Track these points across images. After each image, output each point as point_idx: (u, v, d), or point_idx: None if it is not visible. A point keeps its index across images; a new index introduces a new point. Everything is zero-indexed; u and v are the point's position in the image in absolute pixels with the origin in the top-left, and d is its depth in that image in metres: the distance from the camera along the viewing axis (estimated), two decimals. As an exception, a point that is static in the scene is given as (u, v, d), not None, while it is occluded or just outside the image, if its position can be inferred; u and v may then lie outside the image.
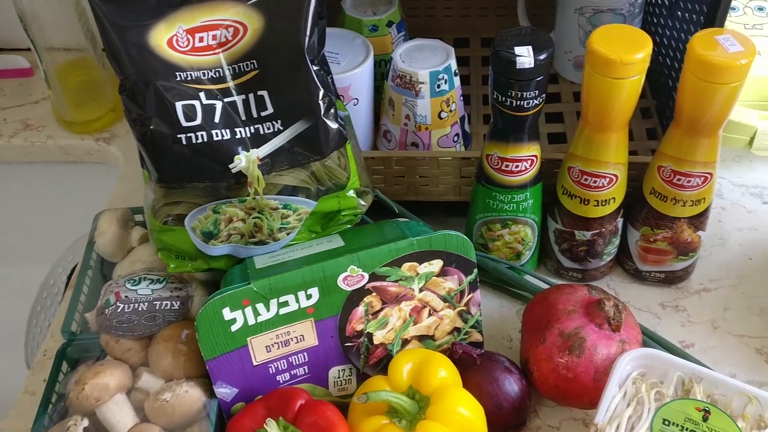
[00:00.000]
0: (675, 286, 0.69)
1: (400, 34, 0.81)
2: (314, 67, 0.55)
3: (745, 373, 0.63)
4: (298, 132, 0.56)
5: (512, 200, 0.64)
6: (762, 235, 0.73)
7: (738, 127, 0.73)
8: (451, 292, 0.59)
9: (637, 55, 0.54)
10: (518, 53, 0.55)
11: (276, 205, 0.57)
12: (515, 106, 0.58)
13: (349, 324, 0.58)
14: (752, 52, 0.54)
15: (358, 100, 0.72)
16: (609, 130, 0.59)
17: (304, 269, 0.55)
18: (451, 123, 0.74)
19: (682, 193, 0.61)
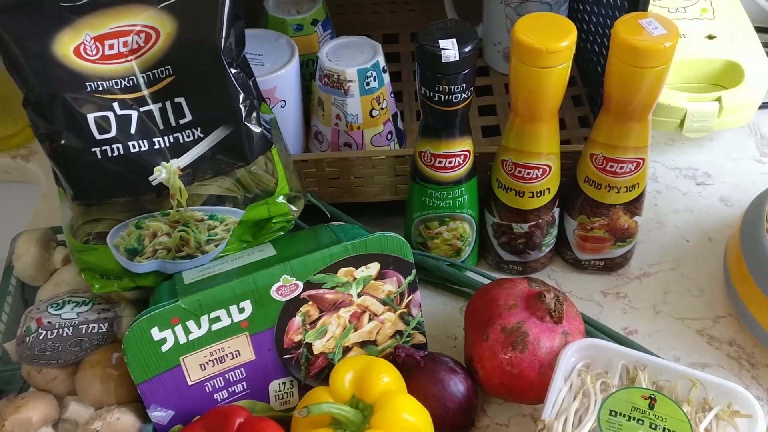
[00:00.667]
0: (615, 273, 0.69)
1: (327, 32, 0.79)
2: (233, 71, 0.53)
3: (689, 356, 0.63)
4: (219, 139, 0.53)
5: (448, 197, 0.63)
6: (697, 216, 0.74)
7: (668, 110, 0.74)
8: (391, 294, 0.57)
9: (562, 43, 0.53)
10: (443, 47, 0.53)
11: (201, 216, 0.55)
12: (444, 101, 0.56)
13: (287, 335, 0.56)
14: (676, 35, 0.53)
15: (285, 101, 0.70)
16: (539, 120, 0.58)
17: (235, 282, 0.52)
18: (383, 121, 0.72)
19: (616, 179, 0.61)
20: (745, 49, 0.77)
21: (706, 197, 0.75)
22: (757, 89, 0.74)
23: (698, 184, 0.77)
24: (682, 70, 0.77)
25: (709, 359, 0.63)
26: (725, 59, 0.76)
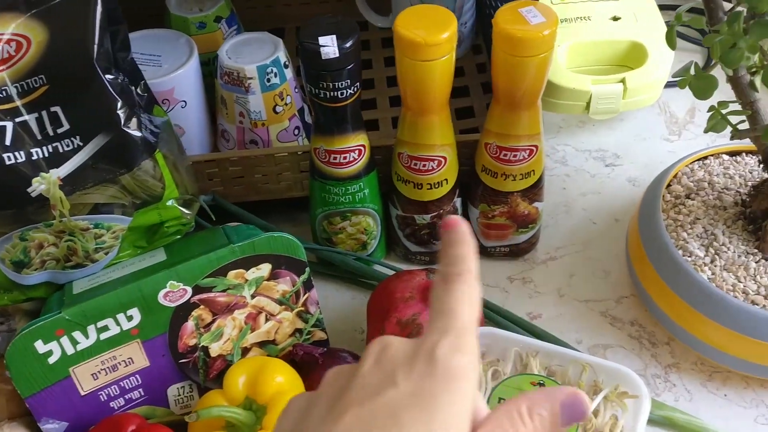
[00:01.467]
0: (522, 259, 0.70)
1: (232, 28, 0.78)
2: (108, 77, 0.52)
3: (591, 338, 0.64)
4: (99, 146, 0.53)
5: (347, 192, 0.63)
6: (605, 198, 0.74)
7: (573, 93, 0.74)
8: (286, 294, 0.57)
9: (443, 35, 0.53)
10: (322, 43, 0.53)
11: (86, 225, 0.54)
12: (330, 97, 0.56)
13: (181, 340, 0.55)
14: (554, 22, 0.54)
15: (186, 102, 0.69)
16: (429, 112, 0.58)
17: (119, 291, 0.52)
18: (288, 116, 0.72)
19: (511, 167, 0.61)
20: (649, 30, 0.77)
21: (614, 178, 0.76)
22: (660, 69, 0.75)
23: (607, 166, 0.78)
24: (588, 52, 0.78)
25: (610, 340, 0.64)
26: (629, 40, 0.77)
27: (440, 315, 0.30)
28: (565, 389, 0.30)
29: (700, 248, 0.60)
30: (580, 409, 0.30)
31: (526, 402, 0.30)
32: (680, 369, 0.61)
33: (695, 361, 0.62)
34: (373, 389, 0.28)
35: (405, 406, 0.27)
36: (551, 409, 0.30)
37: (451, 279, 0.31)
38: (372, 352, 0.30)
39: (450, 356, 0.28)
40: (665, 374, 0.61)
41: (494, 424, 0.29)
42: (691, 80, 0.51)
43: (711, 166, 0.66)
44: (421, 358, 0.29)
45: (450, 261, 0.32)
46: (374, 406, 0.28)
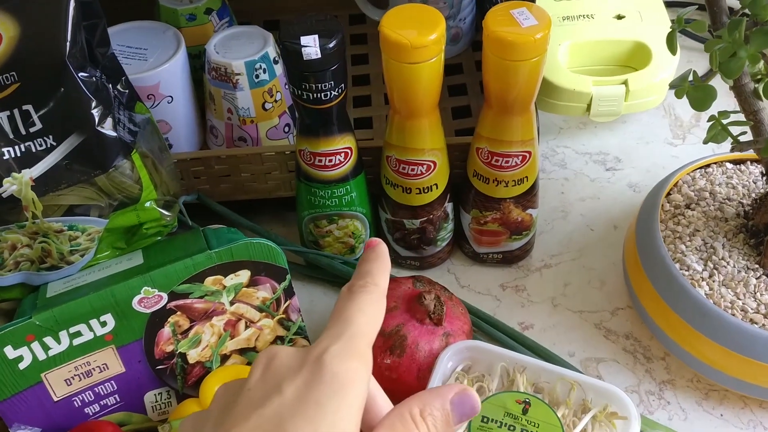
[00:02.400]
0: (515, 265, 0.68)
1: (224, 20, 0.76)
2: (82, 75, 0.50)
3: (584, 350, 0.62)
4: (73, 147, 0.51)
5: (333, 195, 0.61)
6: (603, 204, 0.72)
7: (574, 94, 0.72)
8: (266, 301, 0.55)
9: (429, 36, 0.51)
10: (303, 44, 0.51)
11: (60, 227, 0.53)
12: (313, 99, 0.54)
13: (157, 346, 0.54)
14: (547, 25, 0.51)
15: (172, 97, 0.68)
16: (418, 116, 0.56)
17: (91, 296, 0.50)
18: (278, 113, 0.70)
19: (503, 173, 0.59)
20: (654, 29, 0.75)
21: (615, 183, 0.74)
22: (664, 70, 0.72)
23: (608, 170, 0.75)
24: (590, 52, 0.75)
25: (604, 353, 0.61)
26: (633, 40, 0.74)
27: (336, 322, 0.31)
28: (454, 387, 0.32)
29: (699, 262, 0.57)
30: (469, 405, 0.31)
31: (418, 403, 0.30)
32: (675, 386, 0.59)
33: (691, 378, 0.59)
34: (258, 401, 0.28)
35: (290, 416, 0.27)
36: (442, 408, 0.31)
37: (355, 290, 0.32)
38: (259, 363, 0.30)
39: (337, 361, 0.29)
40: (659, 391, 0.59)
41: (387, 428, 0.30)
42: (688, 90, 0.48)
43: (713, 175, 0.64)
44: (308, 364, 0.29)
45: (359, 275, 0.34)
46: (260, 419, 0.27)
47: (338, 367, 0.29)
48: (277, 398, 0.28)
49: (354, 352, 0.30)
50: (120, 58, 0.66)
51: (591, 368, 0.60)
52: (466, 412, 0.31)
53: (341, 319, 0.31)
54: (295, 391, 0.28)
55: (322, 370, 0.28)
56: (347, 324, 0.31)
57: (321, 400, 0.28)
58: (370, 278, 0.33)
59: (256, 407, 0.28)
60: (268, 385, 0.29)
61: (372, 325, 0.32)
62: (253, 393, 0.29)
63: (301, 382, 0.28)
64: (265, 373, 0.30)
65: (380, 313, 0.32)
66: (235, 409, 0.29)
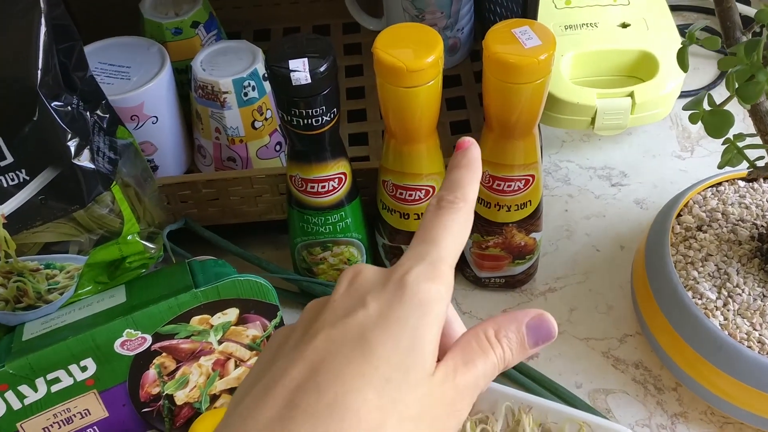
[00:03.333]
0: (519, 290, 0.65)
1: (211, 33, 0.73)
2: (55, 104, 0.47)
3: (592, 382, 0.59)
4: (47, 181, 0.48)
5: (327, 222, 0.58)
6: (610, 222, 0.69)
7: (577, 108, 0.68)
8: (257, 339, 0.52)
9: (427, 59, 0.48)
10: (292, 68, 0.48)
11: (36, 266, 0.49)
12: (304, 125, 0.51)
13: (142, 389, 0.51)
14: (552, 45, 0.48)
15: (157, 117, 0.64)
16: (415, 141, 0.53)
17: (70, 341, 0.47)
18: (269, 132, 0.67)
19: (505, 198, 0.56)
20: (660, 38, 0.71)
21: (621, 200, 0.71)
22: (672, 82, 0.69)
23: (613, 185, 0.72)
24: (593, 62, 0.72)
25: (613, 384, 0.59)
26: (638, 49, 0.71)
27: (421, 242, 0.31)
28: (530, 311, 0.32)
29: (712, 289, 0.55)
30: (546, 328, 0.31)
31: (493, 325, 0.31)
32: (688, 419, 0.56)
33: (705, 411, 0.57)
34: (343, 312, 0.29)
35: (373, 327, 0.28)
36: (517, 330, 0.31)
37: (443, 206, 0.32)
38: (344, 279, 0.31)
39: (420, 283, 0.29)
40: (672, 425, 0.56)
41: (463, 348, 0.30)
42: (704, 115, 0.45)
43: (725, 194, 0.61)
44: (392, 283, 0.30)
45: (448, 186, 0.33)
46: (345, 327, 0.29)
47: (420, 288, 0.29)
48: (361, 311, 0.29)
49: (436, 274, 0.30)
50: (101, 78, 0.63)
51: (599, 400, 0.58)
52: (542, 335, 0.31)
53: (426, 239, 0.31)
54: (379, 307, 0.29)
55: (405, 290, 0.29)
56: (432, 245, 0.31)
57: (402, 318, 0.29)
58: (460, 192, 0.33)
59: (341, 317, 0.29)
60: (353, 298, 0.30)
61: (457, 245, 0.32)
62: (338, 304, 0.30)
63: (385, 300, 0.29)
64: (350, 288, 0.31)
65: (466, 230, 0.32)
66: (322, 317, 0.30)
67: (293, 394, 0.28)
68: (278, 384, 0.28)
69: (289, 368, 0.28)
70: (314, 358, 0.28)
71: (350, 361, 0.28)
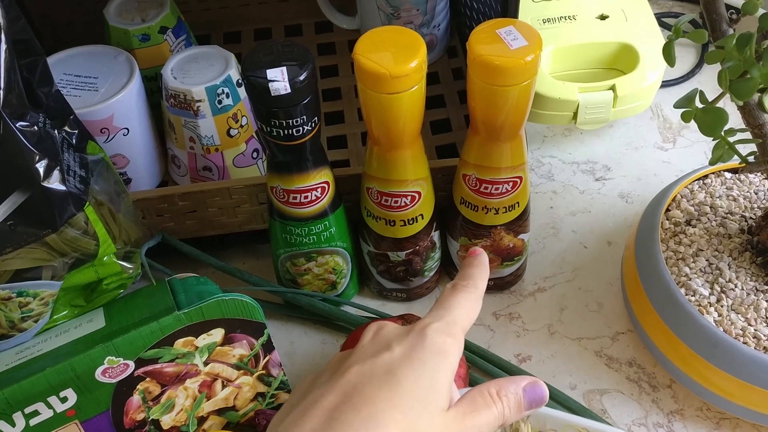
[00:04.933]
0: (508, 291, 0.64)
1: (180, 39, 0.70)
2: (21, 124, 0.44)
3: (586, 382, 0.58)
4: (16, 206, 0.45)
5: (311, 232, 0.56)
6: (595, 217, 0.68)
7: (559, 103, 0.67)
8: (244, 358, 0.51)
9: (410, 64, 0.46)
10: (270, 78, 0.46)
11: (7, 294, 0.47)
12: (284, 135, 0.49)
13: (127, 416, 0.49)
14: (538, 45, 0.47)
15: (128, 129, 0.62)
16: (398, 147, 0.51)
17: (48, 372, 0.45)
18: (245, 139, 0.64)
19: (492, 200, 0.55)
20: (639, 29, 0.70)
21: (606, 194, 0.70)
22: (653, 73, 0.68)
23: (597, 180, 0.71)
24: (573, 55, 0.71)
25: (607, 384, 0.58)
26: (618, 42, 0.70)
27: (438, 308, 0.37)
28: (528, 378, 0.37)
29: (705, 285, 0.54)
30: (539, 394, 0.37)
31: (495, 386, 0.36)
32: (684, 416, 0.56)
33: (700, 407, 0.56)
34: (371, 354, 0.34)
35: (399, 365, 0.33)
36: (515, 392, 0.36)
37: (458, 287, 0.38)
38: (369, 331, 0.37)
39: (438, 335, 0.35)
40: (668, 422, 0.55)
41: (470, 400, 0.35)
42: (697, 113, 0.44)
43: (712, 186, 0.60)
44: (414, 332, 0.35)
45: (463, 276, 0.40)
46: (373, 364, 0.34)
47: (438, 339, 0.35)
48: (387, 353, 0.34)
49: (451, 331, 0.35)
50: (67, 90, 0.60)
51: (595, 401, 0.57)
52: (535, 399, 0.37)
53: (443, 306, 0.37)
54: (403, 350, 0.34)
55: (426, 339, 0.34)
56: (448, 310, 0.37)
57: (423, 359, 0.34)
58: (472, 281, 0.39)
59: (369, 357, 0.34)
60: (380, 344, 0.35)
61: (469, 317, 0.37)
62: (365, 349, 0.35)
63: (408, 344, 0.34)
64: (375, 338, 0.36)
65: (476, 310, 0.38)
66: (350, 360, 0.35)
67: (331, 412, 0.32)
68: (316, 406, 0.33)
69: (325, 394, 0.33)
70: (347, 387, 0.33)
71: (380, 388, 0.32)
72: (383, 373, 0.33)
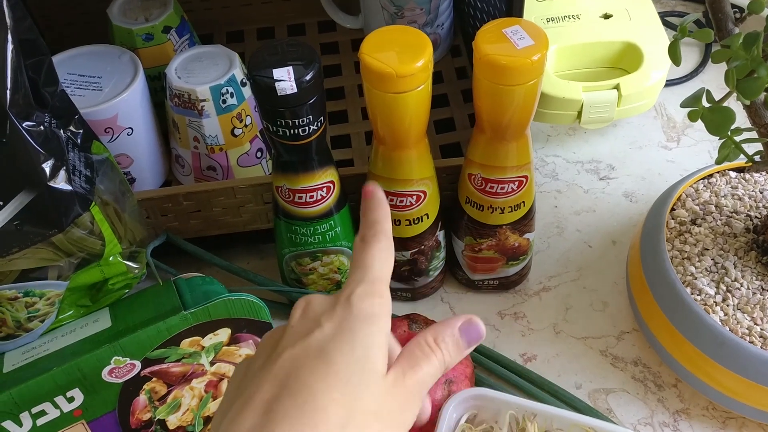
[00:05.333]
0: (513, 290, 0.64)
1: (183, 38, 0.70)
2: (27, 124, 0.44)
3: (591, 381, 0.58)
4: (22, 206, 0.45)
5: (316, 232, 0.56)
6: (600, 217, 0.68)
7: (563, 102, 0.67)
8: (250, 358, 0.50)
9: (416, 63, 0.46)
10: (277, 77, 0.46)
11: (14, 294, 0.47)
12: (290, 135, 0.49)
13: (133, 416, 0.49)
14: (544, 45, 0.47)
15: (132, 129, 0.62)
16: (404, 147, 0.51)
17: (55, 372, 0.45)
18: (249, 139, 0.64)
19: (498, 200, 0.55)
20: (644, 28, 0.70)
21: (610, 194, 0.70)
22: (657, 72, 0.68)
23: (601, 179, 0.71)
24: (577, 55, 0.71)
25: (612, 383, 0.58)
26: (622, 41, 0.70)
27: (356, 269, 0.36)
28: (462, 317, 0.37)
29: (710, 285, 0.54)
30: (475, 331, 0.37)
31: (432, 333, 0.36)
32: (690, 415, 0.56)
33: (706, 407, 0.56)
34: (301, 334, 0.34)
35: (330, 341, 0.33)
36: (452, 335, 0.36)
37: (368, 239, 0.37)
38: (298, 308, 0.36)
39: (363, 300, 0.34)
40: (674, 422, 0.55)
41: (408, 355, 0.35)
42: (704, 112, 0.44)
43: (717, 185, 0.60)
44: (340, 304, 0.34)
45: (367, 224, 0.38)
46: (305, 346, 0.33)
47: (364, 304, 0.34)
48: (317, 331, 0.33)
49: (375, 291, 0.35)
50: (71, 90, 0.60)
51: (600, 401, 0.57)
52: (473, 337, 0.36)
53: (361, 266, 0.36)
54: (332, 325, 0.33)
55: (352, 307, 0.34)
56: (367, 269, 0.36)
57: (353, 330, 0.33)
58: (379, 226, 0.37)
59: (301, 338, 0.33)
60: (309, 322, 0.34)
61: (387, 267, 0.36)
62: (295, 329, 0.34)
63: (336, 318, 0.33)
64: (304, 315, 0.35)
65: (391, 256, 0.37)
66: (281, 343, 0.34)
67: (269, 404, 0.31)
68: (254, 399, 0.32)
69: (261, 385, 0.32)
70: (282, 375, 0.32)
71: (314, 370, 0.32)
72: (316, 353, 0.32)
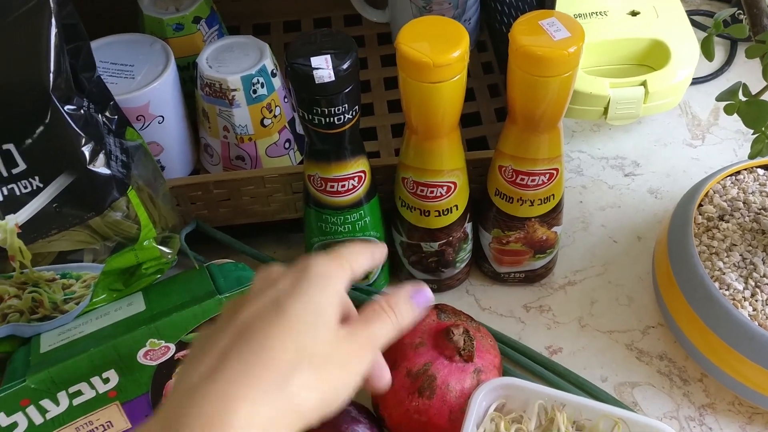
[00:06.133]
0: (538, 284, 0.64)
1: (213, 29, 0.70)
2: (68, 108, 0.45)
3: (617, 375, 0.58)
4: (62, 188, 0.46)
5: (346, 221, 0.56)
6: (625, 213, 0.68)
7: (590, 98, 0.68)
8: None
9: (453, 53, 0.46)
10: (315, 65, 0.46)
11: (51, 276, 0.48)
12: (325, 123, 0.49)
13: (164, 399, 0.49)
14: (581, 37, 0.47)
15: (163, 117, 0.62)
16: (437, 137, 0.51)
17: (92, 352, 0.46)
18: (278, 129, 0.65)
19: (528, 192, 0.55)
20: (671, 26, 0.71)
21: (635, 189, 0.70)
22: (684, 69, 0.68)
23: (626, 175, 0.71)
24: (604, 51, 0.71)
25: (638, 377, 0.58)
26: (649, 38, 0.70)
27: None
28: (411, 283, 0.40)
29: (739, 280, 0.54)
30: (425, 295, 0.40)
31: (386, 298, 0.39)
32: (716, 410, 0.56)
33: (732, 402, 0.56)
34: (258, 294, 0.36)
35: (285, 296, 0.35)
36: (405, 298, 0.39)
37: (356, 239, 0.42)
38: (257, 276, 0.39)
39: (319, 264, 0.37)
40: (700, 416, 0.56)
41: (363, 316, 0.38)
42: (740, 106, 0.44)
43: (745, 182, 0.60)
44: (296, 267, 0.37)
45: None
46: (261, 302, 0.36)
47: (320, 267, 0.37)
48: (273, 289, 0.36)
49: (332, 259, 0.38)
50: (105, 77, 0.60)
51: (626, 394, 0.57)
52: (423, 301, 0.40)
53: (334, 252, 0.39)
54: (287, 284, 0.36)
55: (308, 268, 0.37)
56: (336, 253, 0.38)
57: (308, 286, 0.36)
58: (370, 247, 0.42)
59: (259, 297, 0.36)
60: (267, 284, 0.37)
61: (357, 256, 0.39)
62: (253, 291, 0.37)
63: (292, 277, 0.36)
64: (263, 281, 0.37)
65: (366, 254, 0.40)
66: (242, 303, 0.36)
67: (224, 350, 0.34)
68: (212, 348, 0.34)
69: (220, 336, 0.34)
70: (240, 327, 0.34)
71: (270, 321, 0.34)
72: (272, 306, 0.35)
